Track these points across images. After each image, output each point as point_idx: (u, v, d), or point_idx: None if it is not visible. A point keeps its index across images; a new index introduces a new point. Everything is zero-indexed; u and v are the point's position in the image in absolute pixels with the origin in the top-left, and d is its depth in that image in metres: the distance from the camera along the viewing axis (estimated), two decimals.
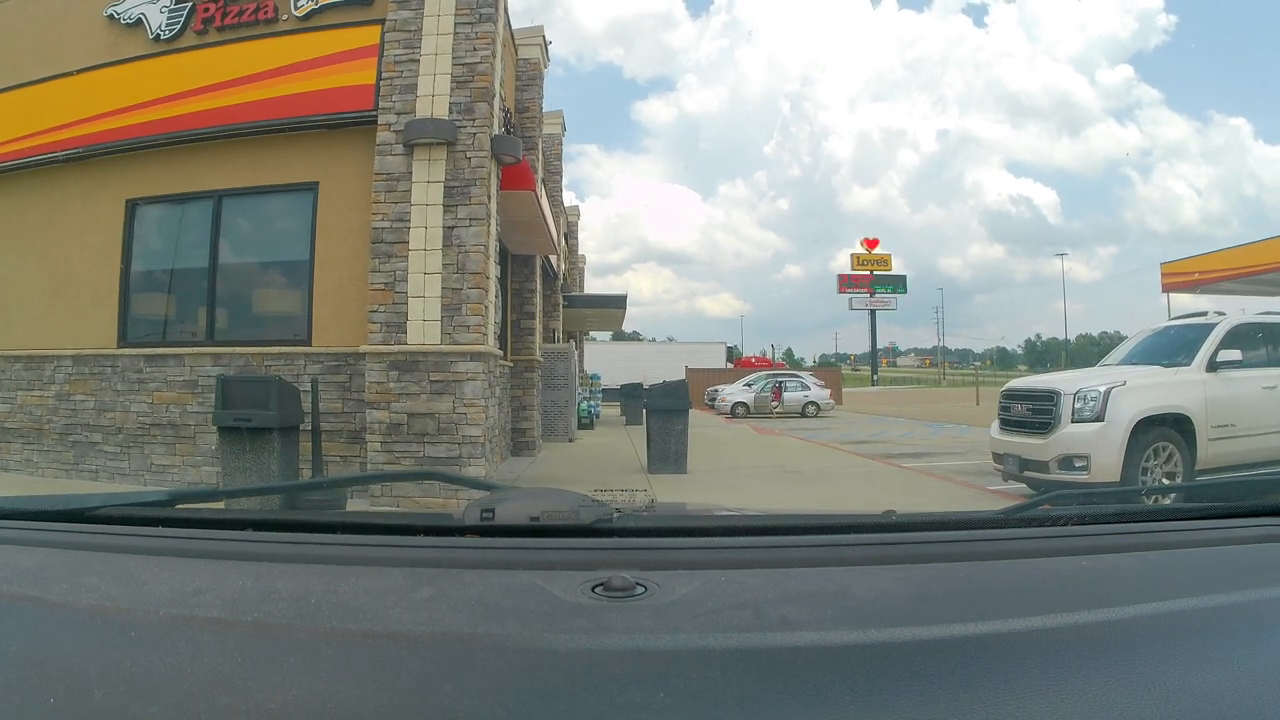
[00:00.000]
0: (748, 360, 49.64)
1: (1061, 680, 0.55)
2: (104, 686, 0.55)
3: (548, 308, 12.97)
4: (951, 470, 8.87)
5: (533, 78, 10.72)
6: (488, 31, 6.16)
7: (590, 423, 15.79)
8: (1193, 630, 0.65)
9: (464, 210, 5.99)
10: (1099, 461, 5.92)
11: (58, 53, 7.17)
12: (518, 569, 0.74)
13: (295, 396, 5.57)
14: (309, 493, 4.10)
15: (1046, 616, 0.64)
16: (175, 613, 0.65)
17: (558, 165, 14.31)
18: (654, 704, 0.52)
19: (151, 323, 7.06)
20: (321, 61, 6.46)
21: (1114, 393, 6.07)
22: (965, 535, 0.90)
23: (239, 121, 6.56)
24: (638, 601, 0.66)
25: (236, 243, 6.88)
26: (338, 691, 0.54)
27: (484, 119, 6.08)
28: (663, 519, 0.97)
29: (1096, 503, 1.66)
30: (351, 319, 6.17)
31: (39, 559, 0.82)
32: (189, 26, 6.83)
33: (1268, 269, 14.79)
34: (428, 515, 1.16)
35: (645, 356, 36.48)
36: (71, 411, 6.88)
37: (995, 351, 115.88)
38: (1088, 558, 0.81)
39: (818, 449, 12.06)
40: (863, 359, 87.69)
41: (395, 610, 0.66)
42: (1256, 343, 6.76)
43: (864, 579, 0.73)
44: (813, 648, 0.58)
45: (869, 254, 59.48)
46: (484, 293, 5.98)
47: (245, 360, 6.40)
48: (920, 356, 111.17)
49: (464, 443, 5.76)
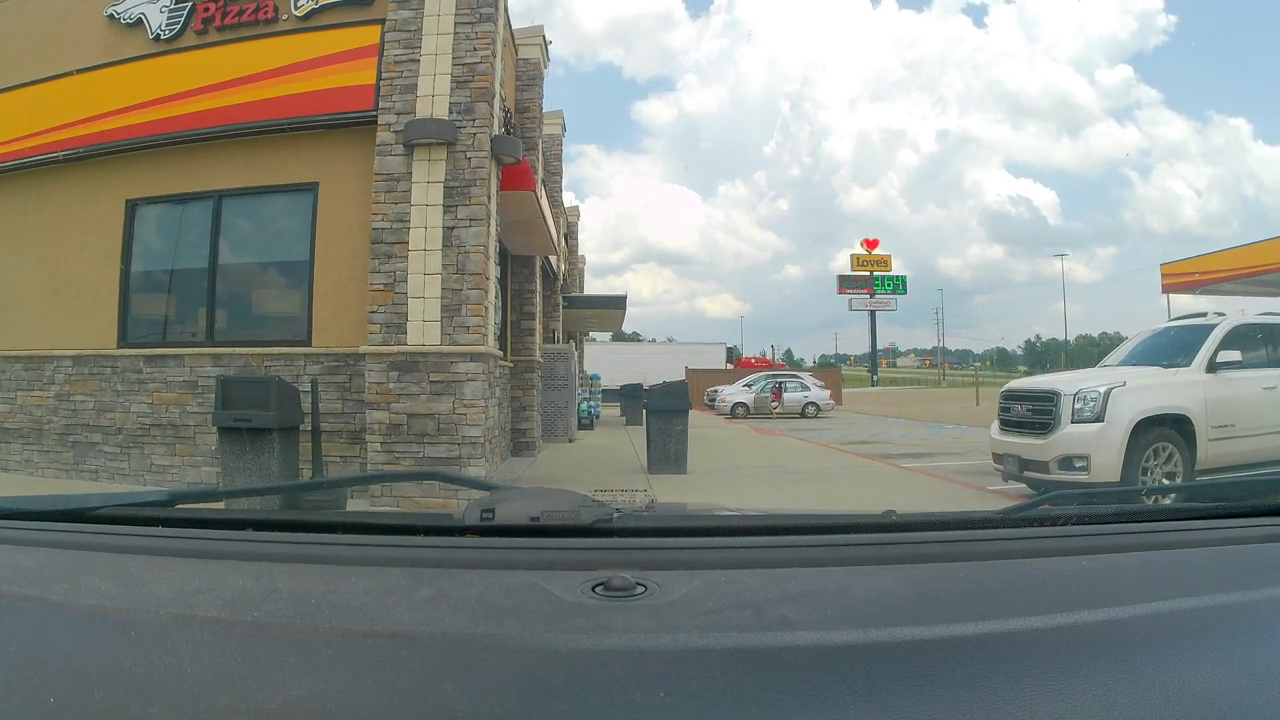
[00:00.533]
0: (748, 361, 49.69)
1: (1061, 680, 0.55)
2: (104, 686, 0.55)
3: (548, 308, 12.97)
4: (951, 470, 8.86)
5: (533, 78, 10.72)
6: (488, 31, 6.16)
7: (590, 423, 15.79)
8: (1193, 630, 0.65)
9: (464, 210, 5.99)
10: (1099, 462, 5.92)
11: (58, 53, 7.17)
12: (518, 569, 0.74)
13: (295, 397, 5.57)
14: (309, 493, 4.10)
15: (1046, 616, 0.64)
16: (175, 613, 0.65)
17: (558, 165, 14.32)
18: (654, 704, 0.52)
19: (151, 323, 7.05)
20: (321, 61, 6.46)
21: (1114, 393, 6.07)
22: (965, 535, 0.90)
23: (239, 121, 6.56)
24: (638, 601, 0.66)
25: (236, 243, 6.88)
26: (338, 691, 0.54)
27: (484, 119, 6.08)
28: (663, 519, 0.97)
29: (1096, 503, 1.66)
30: (351, 319, 6.17)
31: (39, 559, 0.82)
32: (189, 26, 6.83)
33: (1268, 269, 14.80)
34: (428, 515, 1.16)
35: (645, 357, 36.51)
36: (71, 412, 6.88)
37: (995, 352, 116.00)
38: (1088, 558, 0.81)
39: (818, 449, 12.06)
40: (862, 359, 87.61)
41: (395, 610, 0.66)
42: (1256, 343, 6.76)
43: (864, 579, 0.73)
44: (813, 648, 0.58)
45: (869, 254, 59.41)
46: (484, 293, 5.98)
47: (245, 361, 6.40)
48: (920, 357, 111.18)
49: (464, 443, 5.76)
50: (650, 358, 36.00)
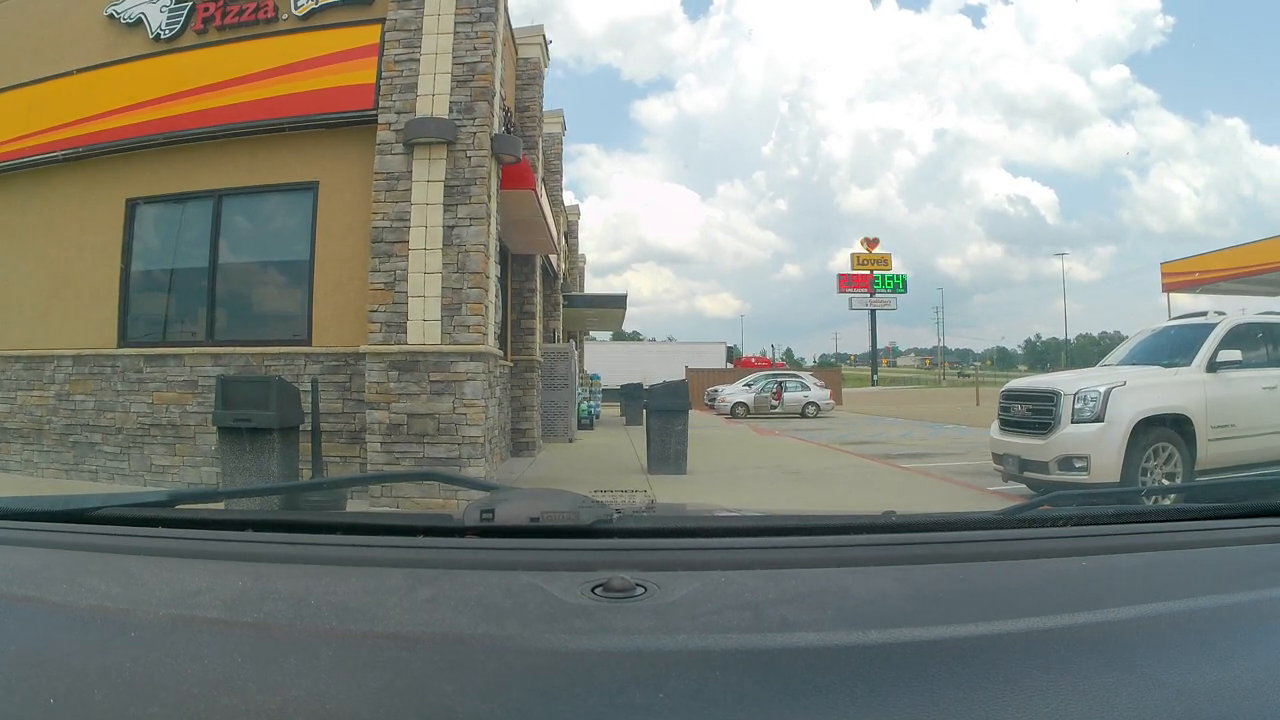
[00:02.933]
0: (748, 360, 49.61)
1: (1061, 680, 0.55)
2: (104, 686, 0.55)
3: (548, 307, 12.97)
4: (951, 471, 8.86)
5: (533, 77, 10.72)
6: (488, 31, 6.16)
7: (590, 423, 15.79)
8: (1193, 630, 0.65)
9: (464, 209, 5.99)
10: (1099, 462, 5.91)
11: (58, 53, 7.16)
12: (518, 570, 0.74)
13: (295, 397, 5.57)
14: (309, 493, 4.10)
15: (1046, 617, 0.64)
16: (175, 613, 0.65)
17: (558, 164, 14.31)
18: (654, 705, 0.52)
19: (151, 323, 7.05)
20: (321, 61, 6.46)
21: (1114, 393, 6.07)
22: (965, 536, 0.90)
23: (239, 121, 6.56)
24: (638, 602, 0.66)
25: (236, 242, 6.88)
26: (338, 692, 0.54)
27: (484, 118, 6.08)
28: (663, 520, 0.97)
29: (1096, 503, 1.65)
30: (351, 319, 6.17)
31: (39, 559, 0.82)
32: (189, 26, 6.83)
33: (1268, 269, 14.82)
34: (428, 516, 1.16)
35: (645, 356, 36.48)
36: (71, 412, 6.87)
37: (995, 351, 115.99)
38: (1088, 558, 0.81)
39: (817, 449, 12.06)
40: (863, 359, 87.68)
41: (395, 611, 0.66)
42: (1256, 343, 6.76)
43: (864, 579, 0.73)
44: (812, 648, 0.58)
45: (869, 254, 59.46)
46: (484, 292, 5.98)
47: (245, 360, 6.40)
48: (920, 356, 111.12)
49: (464, 443, 5.76)
50: (650, 357, 35.97)
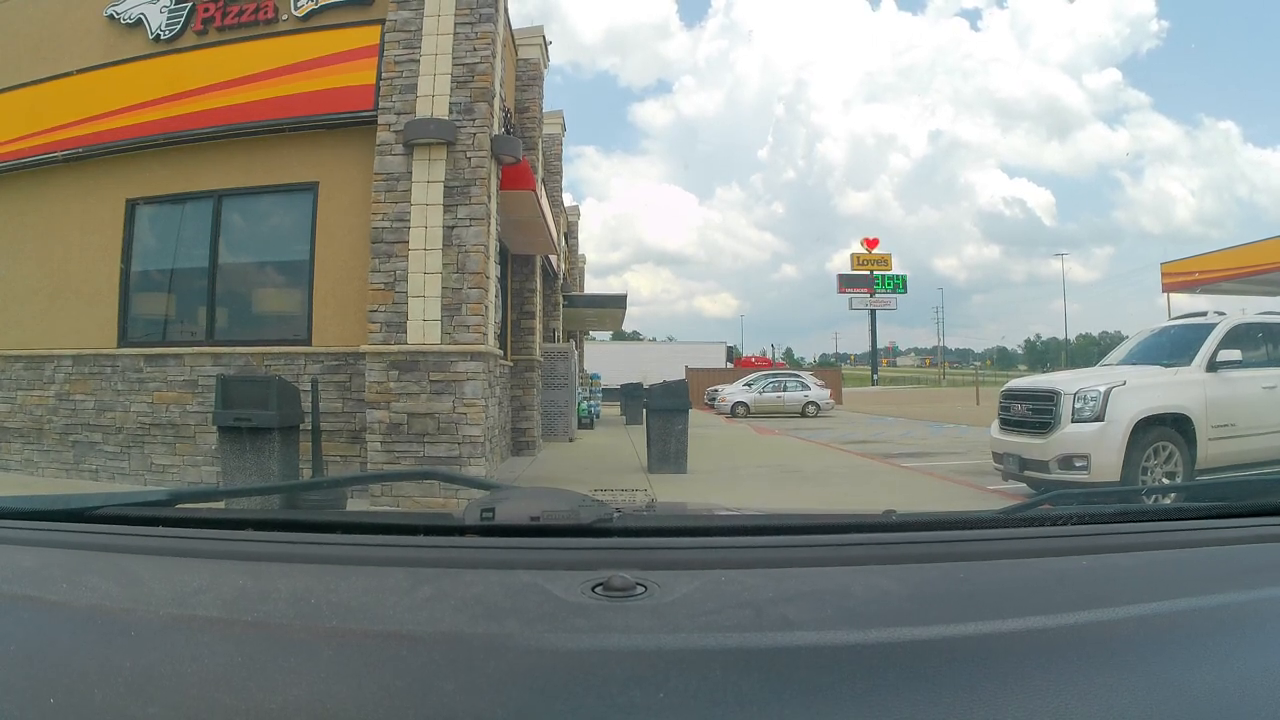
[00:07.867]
0: (748, 360, 49.58)
1: (1061, 680, 0.55)
2: (104, 686, 0.55)
3: (548, 307, 12.97)
4: (951, 470, 8.86)
5: (533, 78, 10.72)
6: (488, 31, 6.16)
7: (590, 422, 15.79)
8: (1193, 629, 0.65)
9: (464, 210, 5.99)
10: (1099, 461, 5.91)
11: (58, 53, 7.16)
12: (518, 569, 0.74)
13: (295, 396, 5.56)
14: (309, 493, 4.10)
15: (1046, 616, 0.64)
16: (175, 613, 0.65)
17: (558, 165, 14.30)
18: (654, 704, 0.52)
19: (151, 322, 7.05)
20: (321, 61, 6.46)
21: (1114, 392, 6.07)
22: (965, 535, 0.90)
23: (239, 121, 6.56)
24: (638, 601, 0.66)
25: (236, 243, 6.88)
26: (338, 691, 0.54)
27: (484, 119, 6.08)
28: (663, 519, 0.96)
29: (1096, 502, 1.66)
30: (351, 319, 6.17)
31: (39, 559, 0.82)
32: (189, 26, 6.83)
33: (1267, 269, 14.83)
34: (428, 515, 1.16)
35: (645, 356, 36.46)
36: (71, 411, 6.87)
37: (995, 351, 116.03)
38: (1088, 558, 0.81)
39: (818, 449, 12.06)
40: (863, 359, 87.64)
41: (395, 610, 0.66)
42: (1256, 343, 6.76)
43: (864, 579, 0.73)
44: (813, 648, 0.58)
45: (869, 254, 59.42)
46: (484, 292, 5.98)
47: (245, 360, 6.40)
48: (920, 356, 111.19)
49: (464, 442, 5.76)
50: (650, 357, 35.95)
